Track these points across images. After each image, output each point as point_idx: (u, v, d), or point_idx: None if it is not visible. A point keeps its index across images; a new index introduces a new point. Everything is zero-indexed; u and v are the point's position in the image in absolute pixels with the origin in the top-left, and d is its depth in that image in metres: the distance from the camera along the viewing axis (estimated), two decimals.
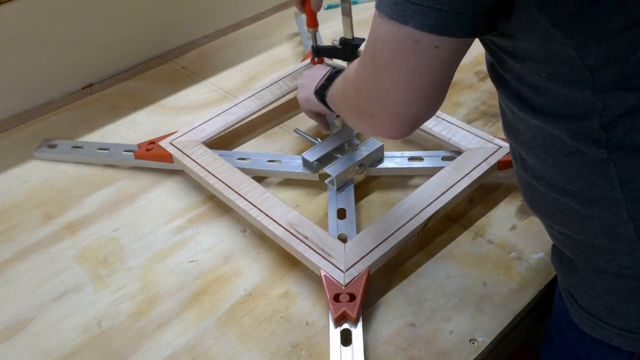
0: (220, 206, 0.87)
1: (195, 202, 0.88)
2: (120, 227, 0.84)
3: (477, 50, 0.88)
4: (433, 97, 0.52)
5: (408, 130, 0.56)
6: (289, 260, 0.78)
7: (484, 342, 0.67)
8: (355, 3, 1.33)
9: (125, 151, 0.94)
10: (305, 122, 0.98)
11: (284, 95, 1.01)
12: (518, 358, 0.87)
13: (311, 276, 0.76)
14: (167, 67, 1.19)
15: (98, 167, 0.95)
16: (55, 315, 0.73)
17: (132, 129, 1.03)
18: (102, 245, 0.82)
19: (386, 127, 0.56)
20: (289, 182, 0.90)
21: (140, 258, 0.80)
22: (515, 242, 0.78)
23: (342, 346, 0.65)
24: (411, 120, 0.54)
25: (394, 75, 0.51)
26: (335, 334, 0.67)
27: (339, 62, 1.05)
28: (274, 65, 1.18)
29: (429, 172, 0.84)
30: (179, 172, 0.92)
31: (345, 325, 0.67)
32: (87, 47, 1.12)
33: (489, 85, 1.08)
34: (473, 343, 0.67)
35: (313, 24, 0.99)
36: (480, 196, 0.85)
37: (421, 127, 0.90)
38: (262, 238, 0.81)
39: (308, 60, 1.06)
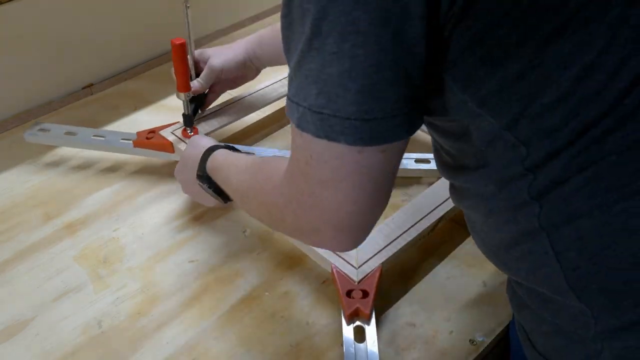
0: None
1: (196, 202, 0.88)
2: (120, 227, 0.84)
3: None
4: (384, 196, 0.49)
5: (362, 238, 0.51)
6: (289, 260, 0.78)
7: (484, 342, 0.67)
8: None
9: (122, 139, 0.92)
10: None
11: None
12: None
13: (311, 276, 0.76)
14: (167, 67, 1.19)
15: (98, 167, 0.95)
16: (55, 315, 0.73)
17: (132, 129, 1.03)
18: (102, 245, 0.82)
19: (337, 241, 0.50)
20: None
21: (140, 258, 0.80)
22: None
23: (355, 343, 0.65)
24: (364, 227, 0.50)
25: (341, 191, 0.46)
26: (348, 331, 0.66)
27: None
28: None
29: (436, 174, 0.84)
30: None
31: (358, 322, 0.67)
32: (87, 47, 1.12)
33: None
34: (473, 343, 0.67)
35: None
36: None
37: (424, 129, 0.90)
38: (262, 238, 0.81)
39: None
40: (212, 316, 0.72)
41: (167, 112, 1.07)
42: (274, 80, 1.02)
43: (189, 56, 0.86)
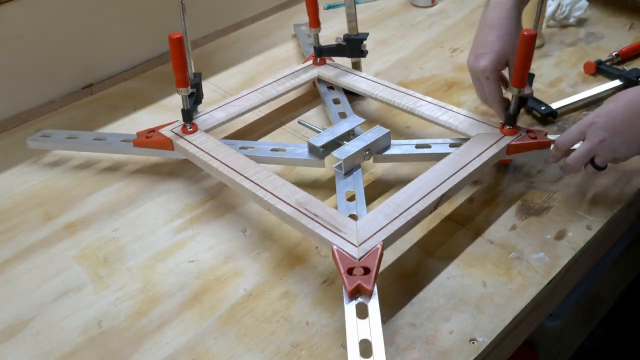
0: (220, 206, 0.87)
1: (195, 202, 0.88)
2: (120, 227, 0.84)
3: None
4: None
5: None
6: (289, 260, 0.78)
7: (484, 342, 0.67)
8: (357, 3, 1.33)
9: (122, 141, 0.92)
10: (306, 119, 0.98)
11: (287, 92, 1.00)
12: (518, 358, 0.87)
13: (311, 276, 0.76)
14: (167, 67, 1.19)
15: (98, 167, 0.95)
16: (55, 315, 0.73)
17: (132, 128, 1.03)
18: (102, 245, 0.82)
19: None
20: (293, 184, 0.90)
21: (140, 258, 0.80)
22: (515, 242, 0.79)
23: (358, 319, 0.63)
24: None
25: None
26: (350, 308, 0.65)
27: (338, 60, 1.05)
28: (274, 65, 1.18)
29: (437, 159, 0.84)
30: (179, 172, 0.92)
31: (360, 299, 0.65)
32: (87, 47, 1.12)
33: None
34: (473, 343, 0.67)
35: (315, 24, 0.99)
36: (480, 196, 0.86)
37: (426, 116, 0.91)
38: (262, 238, 0.81)
39: (310, 62, 1.06)
40: (212, 316, 0.72)
41: (167, 112, 1.07)
42: (273, 79, 1.02)
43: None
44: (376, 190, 0.88)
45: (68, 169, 0.95)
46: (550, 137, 0.85)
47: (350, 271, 0.66)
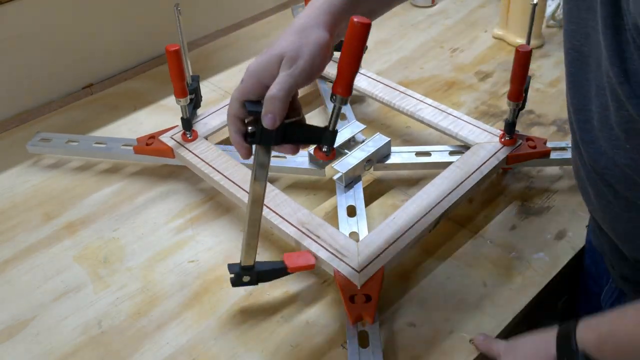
0: (220, 206, 0.87)
1: (195, 202, 0.88)
2: (120, 227, 0.84)
3: (477, 50, 0.88)
4: None
5: None
6: None
7: None
8: None
9: (123, 145, 0.92)
10: (307, 120, 0.98)
11: None
12: None
13: (311, 276, 0.76)
14: (167, 67, 1.19)
15: (98, 167, 0.95)
16: (55, 315, 0.73)
17: (132, 129, 1.03)
18: (102, 245, 0.82)
19: None
20: (292, 186, 0.90)
21: (140, 258, 0.80)
22: (515, 242, 0.79)
23: (360, 348, 0.64)
24: None
25: None
26: (352, 336, 0.66)
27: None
28: None
29: (437, 167, 0.84)
30: (179, 172, 0.92)
31: (362, 327, 0.66)
32: (87, 47, 1.12)
33: (489, 85, 1.08)
34: (473, 343, 0.67)
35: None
36: (480, 196, 0.86)
37: (427, 121, 0.91)
38: (261, 238, 0.81)
39: None
40: (212, 316, 0.72)
41: (167, 112, 1.07)
42: None
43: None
44: (376, 190, 0.88)
45: (68, 169, 0.95)
46: (550, 145, 0.85)
47: (352, 299, 0.67)
